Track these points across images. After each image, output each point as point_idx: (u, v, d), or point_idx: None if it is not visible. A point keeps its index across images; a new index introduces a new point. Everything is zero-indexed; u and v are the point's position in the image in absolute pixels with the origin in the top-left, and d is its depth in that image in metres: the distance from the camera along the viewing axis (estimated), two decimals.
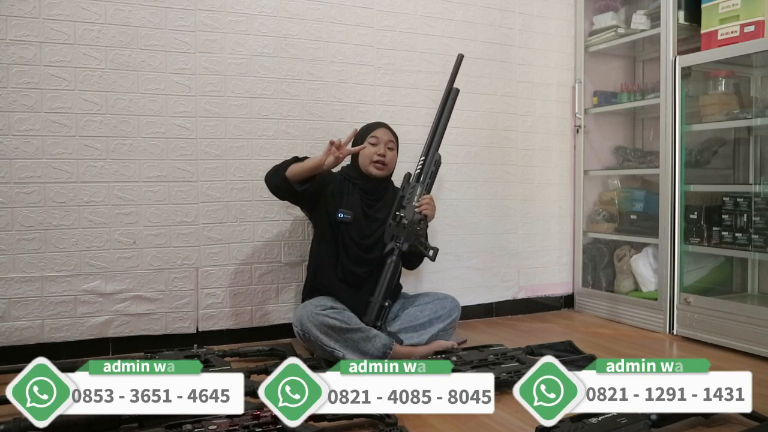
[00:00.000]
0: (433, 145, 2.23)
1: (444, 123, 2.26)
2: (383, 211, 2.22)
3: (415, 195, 2.18)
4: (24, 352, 2.03)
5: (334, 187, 2.18)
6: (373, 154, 2.17)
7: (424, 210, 2.17)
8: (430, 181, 2.22)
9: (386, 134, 2.22)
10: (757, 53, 2.28)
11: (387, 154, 2.19)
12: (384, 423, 1.42)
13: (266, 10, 2.36)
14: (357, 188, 2.20)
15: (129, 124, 2.17)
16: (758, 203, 2.31)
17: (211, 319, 2.32)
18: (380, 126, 2.24)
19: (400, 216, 2.17)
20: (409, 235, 2.15)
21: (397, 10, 2.59)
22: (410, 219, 2.16)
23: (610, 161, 3.03)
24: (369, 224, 2.19)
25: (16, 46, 2.02)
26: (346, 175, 2.23)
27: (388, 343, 1.99)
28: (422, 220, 2.17)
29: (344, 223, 2.15)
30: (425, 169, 2.21)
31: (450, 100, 2.27)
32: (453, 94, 2.28)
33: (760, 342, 2.15)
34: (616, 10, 2.85)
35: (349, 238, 2.16)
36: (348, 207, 2.17)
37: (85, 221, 2.13)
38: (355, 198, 2.19)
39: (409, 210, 2.18)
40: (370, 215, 2.20)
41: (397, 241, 2.15)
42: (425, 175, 2.21)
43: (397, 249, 2.15)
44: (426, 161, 2.22)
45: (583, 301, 2.98)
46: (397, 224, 2.17)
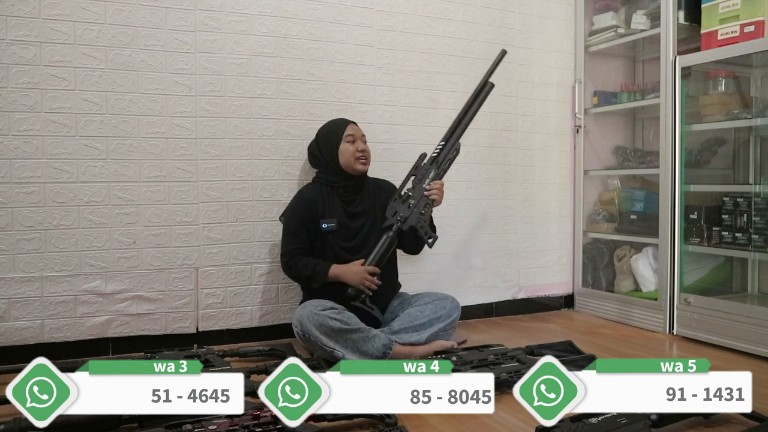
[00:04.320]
0: (456, 132, 2.20)
1: (472, 114, 2.22)
2: (365, 202, 2.22)
3: (428, 178, 2.17)
4: (24, 352, 2.03)
5: (314, 202, 2.17)
6: (354, 152, 2.17)
7: (433, 195, 2.15)
8: (446, 167, 2.20)
9: (358, 130, 2.24)
10: (757, 53, 2.27)
11: (365, 148, 2.22)
12: (384, 423, 1.42)
13: (266, 10, 2.36)
14: (335, 191, 2.20)
15: (129, 124, 2.17)
16: (758, 203, 2.31)
17: (211, 319, 2.32)
18: (349, 123, 2.25)
19: (407, 194, 2.16)
20: (413, 215, 2.14)
21: (397, 10, 2.59)
22: (417, 200, 2.15)
23: (610, 161, 3.03)
24: (353, 222, 2.19)
25: (16, 46, 2.02)
26: (323, 180, 2.22)
27: (387, 343, 1.99)
28: (428, 204, 2.15)
29: (330, 232, 2.15)
30: (443, 154, 2.19)
31: (483, 93, 2.23)
32: (487, 88, 2.23)
33: (760, 342, 2.15)
34: (616, 10, 2.85)
35: (337, 245, 2.15)
36: (331, 215, 2.16)
37: (85, 221, 2.13)
38: (335, 202, 2.18)
39: (417, 190, 2.16)
40: (353, 212, 2.20)
41: (399, 219, 2.13)
42: (443, 160, 2.19)
43: (397, 226, 2.13)
44: (445, 146, 2.19)
45: (583, 301, 2.98)
46: (402, 202, 2.15)
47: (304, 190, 2.24)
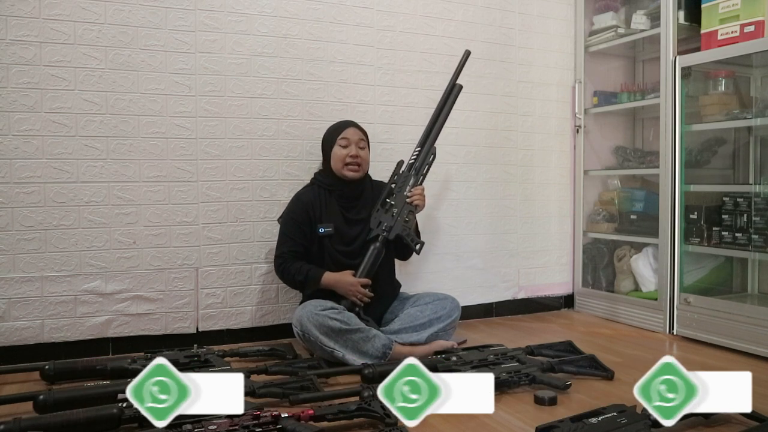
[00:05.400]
0: (430, 137, 2.23)
1: (444, 117, 2.26)
2: (365, 210, 2.21)
3: (407, 185, 2.18)
4: (24, 352, 2.04)
5: (311, 205, 2.16)
6: (345, 156, 2.15)
7: (415, 201, 2.16)
8: (425, 173, 2.22)
9: (356, 133, 2.19)
10: (757, 53, 2.27)
11: (359, 154, 2.17)
12: (384, 423, 1.42)
13: (266, 10, 2.36)
14: (334, 195, 2.19)
15: (129, 124, 2.17)
16: (758, 203, 2.31)
17: (211, 319, 2.32)
18: (349, 125, 2.21)
19: (389, 204, 2.17)
20: (397, 224, 2.15)
21: (397, 10, 2.59)
22: (400, 208, 2.15)
23: (610, 161, 3.03)
24: (351, 228, 2.18)
25: (16, 46, 2.02)
26: (320, 183, 2.21)
27: (387, 343, 1.98)
28: (411, 211, 2.17)
29: (327, 236, 2.15)
30: (420, 160, 2.21)
31: (452, 95, 2.27)
32: (456, 90, 2.27)
33: (760, 342, 2.15)
34: (616, 10, 2.86)
35: (334, 249, 2.15)
36: (328, 219, 2.15)
37: (85, 221, 2.13)
38: (333, 206, 2.17)
39: (399, 199, 2.17)
40: (352, 219, 2.19)
41: (384, 229, 2.14)
42: (421, 166, 2.20)
43: (383, 236, 2.14)
44: (422, 152, 2.21)
45: (583, 301, 2.98)
46: (385, 211, 2.16)
47: (302, 192, 2.23)
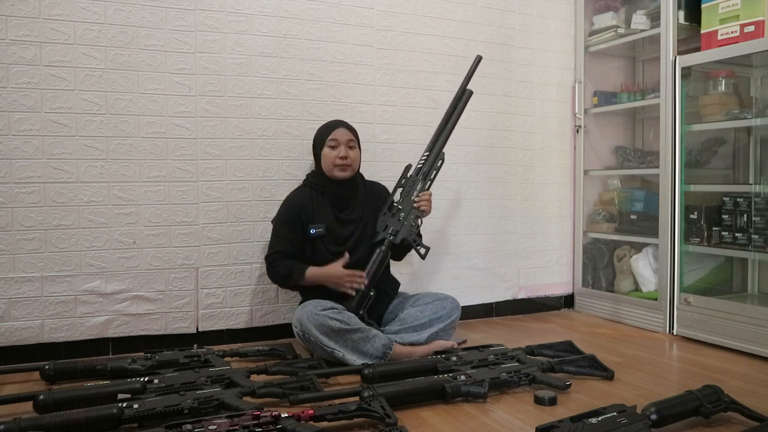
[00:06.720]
0: (439, 142, 2.22)
1: (453, 122, 2.25)
2: (357, 210, 2.21)
3: (415, 189, 2.18)
4: (24, 352, 2.04)
5: (302, 207, 2.15)
6: (334, 158, 2.14)
7: (422, 206, 2.17)
8: (433, 178, 2.22)
9: (345, 134, 2.18)
10: (757, 53, 2.27)
11: (349, 154, 2.16)
12: (384, 423, 1.42)
13: (266, 10, 2.36)
14: (326, 196, 2.18)
15: (129, 124, 2.18)
16: (758, 203, 2.31)
17: (211, 319, 2.32)
18: (338, 126, 2.20)
19: (396, 207, 2.17)
20: (404, 228, 2.15)
21: (397, 10, 2.59)
22: (407, 212, 2.16)
23: (610, 161, 3.03)
24: (344, 228, 2.18)
25: (16, 46, 2.02)
26: (312, 184, 2.21)
27: (387, 343, 1.98)
28: (418, 216, 2.17)
29: (318, 237, 2.14)
30: (428, 164, 2.21)
31: (462, 101, 2.26)
32: (466, 95, 2.27)
33: (760, 342, 2.15)
34: (616, 10, 2.86)
35: (326, 249, 2.14)
36: (320, 220, 2.15)
37: (85, 221, 2.13)
38: (325, 207, 2.17)
39: (407, 203, 2.18)
40: (344, 219, 2.18)
41: (390, 233, 2.15)
42: (429, 171, 2.20)
43: (389, 240, 2.14)
44: (430, 157, 2.21)
45: (583, 301, 2.98)
46: (392, 215, 2.17)
47: (293, 194, 2.22)
